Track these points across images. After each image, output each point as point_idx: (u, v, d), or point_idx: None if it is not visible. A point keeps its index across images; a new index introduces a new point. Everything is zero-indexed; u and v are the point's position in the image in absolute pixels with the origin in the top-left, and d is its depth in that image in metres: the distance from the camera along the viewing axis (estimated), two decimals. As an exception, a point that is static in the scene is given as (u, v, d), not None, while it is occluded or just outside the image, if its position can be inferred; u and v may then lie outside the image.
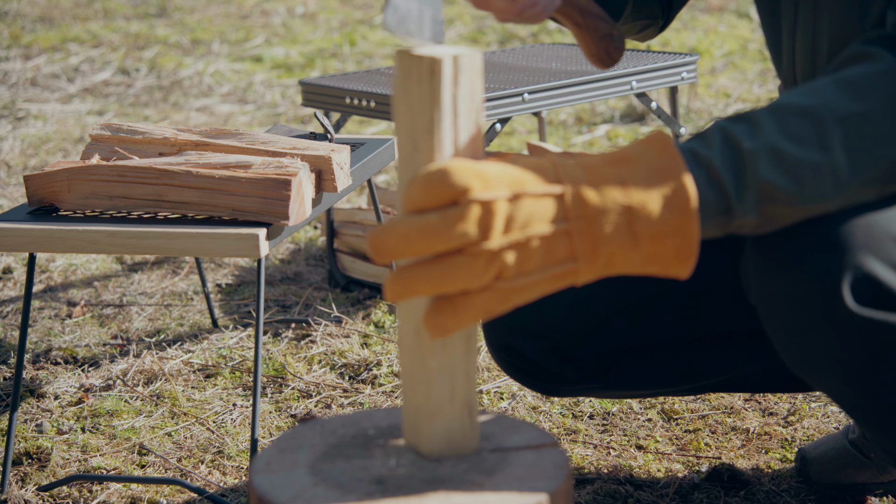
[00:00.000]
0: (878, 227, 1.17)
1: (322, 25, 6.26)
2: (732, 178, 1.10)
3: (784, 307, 1.20)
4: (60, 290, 2.91)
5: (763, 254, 1.21)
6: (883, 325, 1.17)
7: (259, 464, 1.13)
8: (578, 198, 1.04)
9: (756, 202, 1.11)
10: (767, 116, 1.12)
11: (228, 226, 1.85)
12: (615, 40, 1.57)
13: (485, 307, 1.03)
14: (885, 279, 1.16)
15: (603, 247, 1.05)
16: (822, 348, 1.20)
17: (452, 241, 1.01)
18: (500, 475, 1.09)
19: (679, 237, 1.07)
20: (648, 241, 1.06)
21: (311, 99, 2.74)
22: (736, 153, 1.10)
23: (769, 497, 1.87)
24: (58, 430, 2.18)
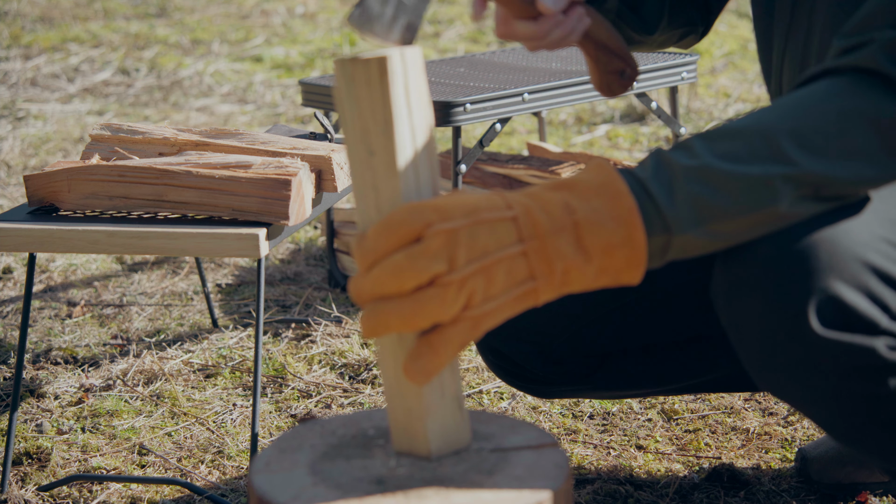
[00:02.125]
0: (842, 247, 1.18)
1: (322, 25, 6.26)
2: (665, 194, 1.12)
3: (752, 331, 1.22)
4: (60, 290, 2.91)
5: (729, 278, 1.22)
6: (850, 348, 1.18)
7: (259, 464, 1.13)
8: (530, 219, 1.08)
9: (696, 221, 1.13)
10: (699, 142, 1.15)
11: (228, 226, 1.85)
12: (624, 77, 1.59)
13: (460, 339, 1.07)
14: (851, 301, 1.17)
15: (558, 263, 1.09)
16: (791, 371, 1.21)
17: (422, 275, 1.04)
18: (500, 475, 1.09)
19: (628, 247, 1.10)
20: (599, 254, 1.10)
21: (311, 99, 2.74)
22: (667, 172, 1.13)
23: (769, 497, 1.87)
24: (58, 430, 2.18)
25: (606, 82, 1.59)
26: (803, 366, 1.20)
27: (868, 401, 1.22)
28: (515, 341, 1.68)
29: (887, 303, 1.19)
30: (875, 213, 1.22)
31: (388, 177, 1.07)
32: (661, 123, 4.15)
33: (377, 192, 1.08)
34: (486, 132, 2.57)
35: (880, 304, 1.18)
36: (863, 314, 1.17)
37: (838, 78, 1.19)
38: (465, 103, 2.49)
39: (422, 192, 1.09)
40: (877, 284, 1.18)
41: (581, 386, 1.73)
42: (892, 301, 1.19)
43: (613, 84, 1.59)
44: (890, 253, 1.19)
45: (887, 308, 1.19)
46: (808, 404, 1.26)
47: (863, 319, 1.18)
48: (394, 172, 1.07)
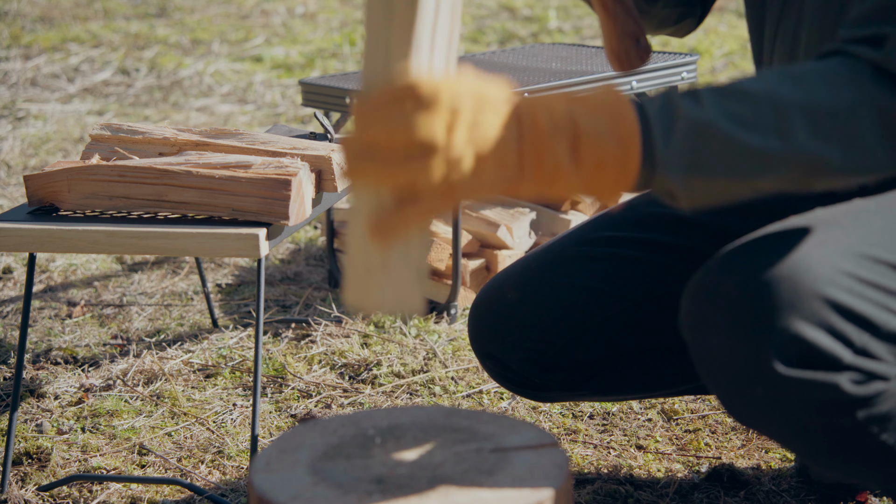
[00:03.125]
0: (802, 284, 1.18)
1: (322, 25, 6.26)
2: (663, 133, 1.12)
3: (717, 368, 1.23)
4: (60, 290, 2.91)
5: (694, 314, 1.24)
6: (813, 384, 1.19)
7: (259, 463, 1.13)
8: (532, 117, 1.09)
9: (682, 168, 1.13)
10: (711, 94, 1.15)
11: (228, 226, 1.85)
12: (640, 46, 1.56)
13: (431, 204, 1.06)
14: (812, 339, 1.18)
15: (549, 162, 1.09)
16: (758, 407, 1.23)
17: (418, 135, 1.03)
18: (500, 475, 1.09)
19: (619, 169, 1.11)
20: (591, 166, 1.10)
21: (311, 99, 2.74)
22: (671, 114, 1.13)
23: (769, 497, 1.87)
24: (58, 430, 2.18)
25: (624, 48, 1.55)
26: (770, 402, 1.21)
27: (837, 433, 1.23)
28: (512, 349, 1.69)
29: (850, 338, 1.19)
30: (838, 245, 1.23)
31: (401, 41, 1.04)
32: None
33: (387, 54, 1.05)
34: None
35: (843, 340, 1.19)
36: (825, 351, 1.18)
37: (855, 62, 1.19)
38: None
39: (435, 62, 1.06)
40: (838, 320, 1.19)
41: (578, 391, 1.74)
42: (856, 336, 1.20)
43: (631, 51, 1.55)
44: (852, 287, 1.20)
45: (851, 343, 1.19)
46: (778, 437, 1.28)
47: (825, 356, 1.18)
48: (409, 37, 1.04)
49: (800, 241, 1.23)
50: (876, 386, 1.21)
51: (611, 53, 1.57)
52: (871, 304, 1.21)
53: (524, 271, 1.71)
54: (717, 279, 1.22)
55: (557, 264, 1.70)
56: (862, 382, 1.20)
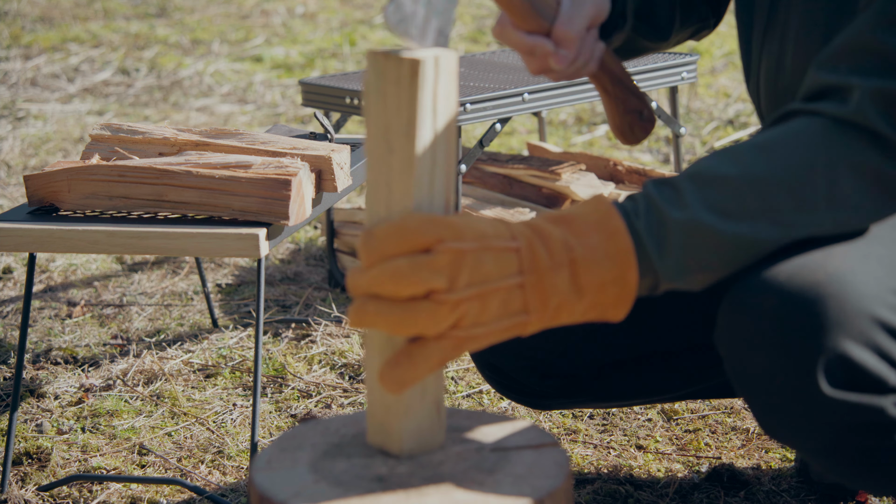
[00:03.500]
0: (850, 302, 1.16)
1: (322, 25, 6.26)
2: (655, 244, 1.14)
3: (758, 385, 1.21)
4: (60, 290, 2.91)
5: (734, 330, 1.22)
6: (858, 407, 1.17)
7: (260, 462, 1.13)
8: (531, 253, 1.10)
9: (683, 272, 1.16)
10: (689, 186, 1.16)
11: (228, 226, 1.85)
12: (643, 119, 1.55)
13: (440, 356, 1.08)
14: (860, 360, 1.16)
15: (552, 299, 1.11)
16: (798, 425, 1.21)
17: (420, 286, 1.05)
18: (500, 474, 1.09)
19: (619, 285, 1.13)
20: (592, 291, 1.12)
21: (311, 99, 2.74)
22: (656, 221, 1.15)
23: (769, 497, 1.87)
24: (58, 430, 2.18)
25: (628, 123, 1.55)
26: (810, 422, 1.19)
27: (873, 453, 1.21)
28: (511, 357, 1.69)
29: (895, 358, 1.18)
30: (881, 261, 1.21)
31: (402, 177, 1.07)
32: (661, 123, 4.15)
33: (390, 190, 1.08)
34: (486, 132, 2.57)
35: (889, 361, 1.17)
36: (871, 372, 1.16)
37: (819, 121, 1.19)
38: (465, 103, 2.49)
39: (434, 197, 1.08)
40: (886, 340, 1.16)
41: (577, 398, 1.74)
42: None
43: (635, 125, 1.56)
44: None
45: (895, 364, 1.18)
46: (813, 454, 1.25)
47: (871, 378, 1.16)
48: (409, 173, 1.06)
49: (843, 255, 1.20)
50: None
51: (615, 129, 1.57)
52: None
53: None
54: (759, 295, 1.19)
55: None
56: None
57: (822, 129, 1.18)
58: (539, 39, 1.44)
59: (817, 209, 1.17)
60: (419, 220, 1.06)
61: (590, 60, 1.49)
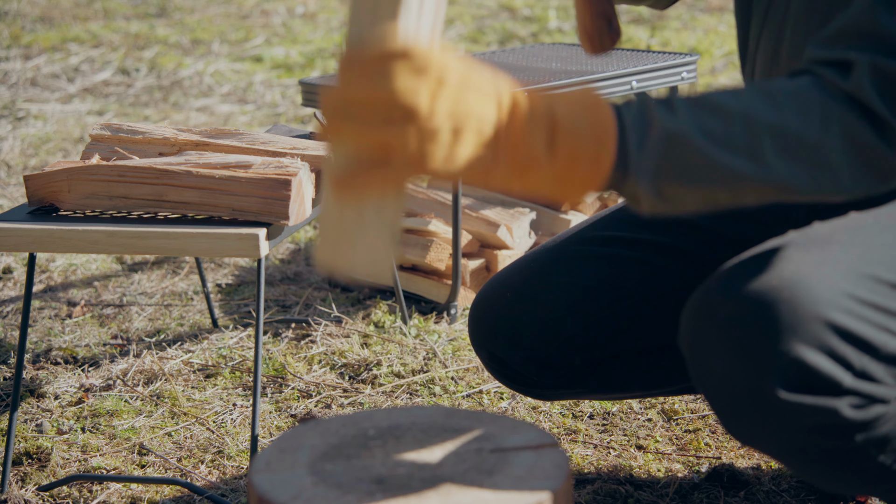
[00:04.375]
0: (803, 307, 1.18)
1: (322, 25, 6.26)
2: (637, 139, 1.12)
3: (717, 390, 1.23)
4: (60, 290, 2.91)
5: (694, 335, 1.23)
6: (813, 409, 1.18)
7: (259, 463, 1.13)
8: (513, 104, 1.08)
9: (653, 174, 1.13)
10: (685, 105, 1.15)
11: (228, 226, 1.85)
12: (612, 28, 1.55)
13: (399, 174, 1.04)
14: (813, 363, 1.17)
15: (524, 150, 1.08)
16: (758, 429, 1.22)
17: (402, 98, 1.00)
18: (500, 475, 1.09)
19: (592, 164, 1.11)
20: (565, 159, 1.10)
21: (311, 99, 2.74)
22: (646, 121, 1.13)
23: (769, 497, 1.87)
24: (58, 430, 2.18)
25: (597, 29, 1.54)
26: (769, 425, 1.21)
27: (836, 454, 1.23)
28: (513, 348, 1.69)
29: (850, 361, 1.19)
30: (837, 266, 1.22)
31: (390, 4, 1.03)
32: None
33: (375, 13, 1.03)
34: (486, 132, 2.56)
35: (843, 363, 1.18)
36: (825, 375, 1.18)
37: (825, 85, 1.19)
38: (465, 103, 2.48)
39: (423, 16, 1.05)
40: (839, 343, 1.18)
41: (579, 389, 1.74)
42: (856, 359, 1.19)
43: (603, 32, 1.54)
44: (852, 308, 1.19)
45: (851, 366, 1.19)
46: (776, 456, 1.28)
47: (826, 380, 1.18)
48: None
49: (799, 260, 1.21)
50: (875, 410, 1.20)
51: (583, 34, 1.56)
52: (871, 325, 1.20)
53: (524, 271, 1.71)
54: (717, 300, 1.21)
55: (557, 263, 1.70)
56: (861, 407, 1.20)
57: (825, 92, 1.18)
58: None
59: (798, 161, 1.16)
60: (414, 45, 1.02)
61: None
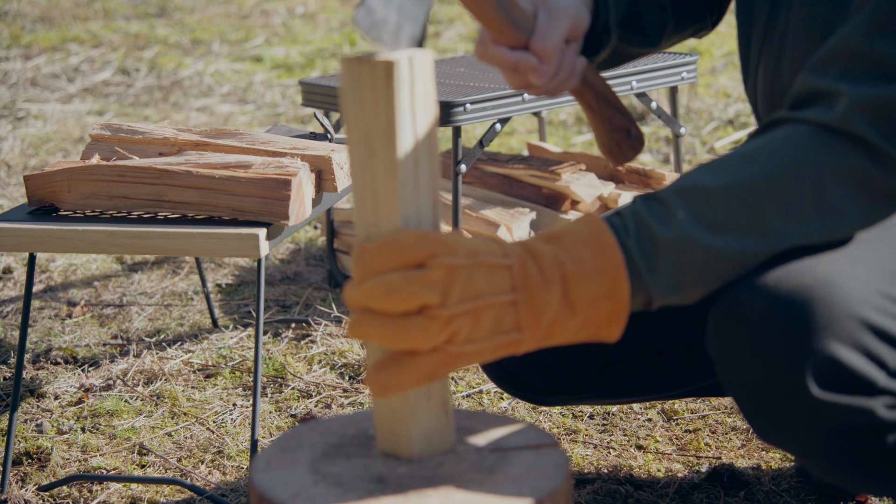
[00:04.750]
0: (837, 305, 1.17)
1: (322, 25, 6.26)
2: (646, 263, 1.14)
3: (748, 390, 1.22)
4: (60, 290, 2.91)
5: (724, 335, 1.22)
6: (848, 409, 1.17)
7: (259, 463, 1.13)
8: (523, 270, 1.10)
9: (674, 288, 1.16)
10: (677, 202, 1.16)
11: (228, 226, 1.85)
12: (632, 138, 1.53)
13: (430, 369, 1.08)
14: (848, 362, 1.16)
15: (545, 316, 1.10)
16: (789, 429, 1.21)
17: (413, 301, 1.05)
18: (499, 475, 1.09)
19: (611, 300, 1.12)
20: (584, 307, 1.12)
21: (311, 99, 2.74)
22: (647, 239, 1.15)
23: (769, 497, 1.87)
24: (58, 430, 2.18)
25: (616, 141, 1.53)
26: (801, 424, 1.20)
27: (866, 455, 1.21)
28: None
29: (885, 360, 1.18)
30: (869, 264, 1.21)
31: (387, 180, 1.07)
32: (661, 123, 4.15)
33: (375, 195, 1.08)
34: (486, 132, 2.57)
35: (877, 362, 1.17)
36: (860, 374, 1.17)
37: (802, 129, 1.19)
38: (465, 103, 2.49)
39: (420, 197, 1.08)
40: (873, 342, 1.17)
41: (579, 395, 1.74)
42: (890, 358, 1.18)
43: (623, 144, 1.53)
44: (886, 307, 1.18)
45: (885, 365, 1.18)
46: (805, 457, 1.26)
47: (860, 379, 1.17)
48: (393, 176, 1.06)
49: (830, 258, 1.20)
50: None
51: (603, 148, 1.54)
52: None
53: None
54: (748, 300, 1.19)
55: None
56: (895, 407, 1.19)
57: (808, 136, 1.18)
58: (521, 54, 1.42)
59: (805, 217, 1.17)
60: (412, 236, 1.06)
61: (571, 75, 1.47)
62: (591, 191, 2.81)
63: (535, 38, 1.42)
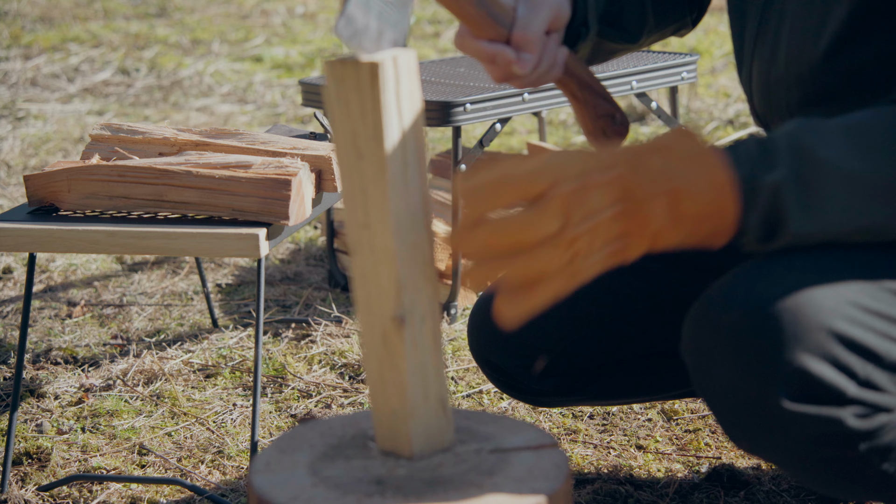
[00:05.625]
0: (806, 316, 1.17)
1: (322, 25, 6.26)
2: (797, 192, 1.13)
3: (720, 400, 1.22)
4: (60, 290, 2.91)
5: (697, 345, 1.22)
6: (817, 419, 1.17)
7: (259, 464, 1.13)
8: (631, 183, 1.11)
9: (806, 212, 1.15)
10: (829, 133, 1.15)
11: (228, 226, 1.85)
12: (616, 123, 1.53)
13: (555, 290, 1.10)
14: (817, 372, 1.16)
15: (652, 225, 1.11)
16: (761, 438, 1.22)
17: (545, 232, 1.07)
18: (499, 476, 1.09)
19: (718, 218, 1.13)
20: (690, 221, 1.13)
21: (311, 99, 2.74)
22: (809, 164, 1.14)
23: (769, 497, 1.87)
24: (58, 430, 2.18)
25: (601, 128, 1.53)
26: (773, 434, 1.20)
27: (840, 464, 1.22)
28: (511, 356, 1.69)
29: (854, 370, 1.18)
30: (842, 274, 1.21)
31: (377, 181, 1.06)
32: (661, 123, 4.15)
33: (365, 196, 1.07)
34: (486, 132, 2.57)
35: (847, 372, 1.18)
36: (829, 384, 1.17)
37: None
38: (465, 103, 2.49)
39: (411, 197, 1.08)
40: (843, 352, 1.17)
41: (577, 396, 1.74)
42: (860, 368, 1.18)
43: (608, 130, 1.54)
44: (855, 317, 1.18)
45: (855, 375, 1.18)
46: (781, 466, 1.27)
47: (829, 390, 1.17)
48: (382, 176, 1.06)
49: (801, 269, 1.21)
50: (879, 419, 1.20)
51: (588, 136, 1.55)
52: (875, 333, 1.19)
53: None
54: (719, 310, 1.20)
55: None
56: (865, 416, 1.19)
57: None
58: (499, 47, 1.42)
59: None
60: (525, 169, 1.07)
61: (553, 65, 1.47)
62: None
63: (515, 29, 1.42)
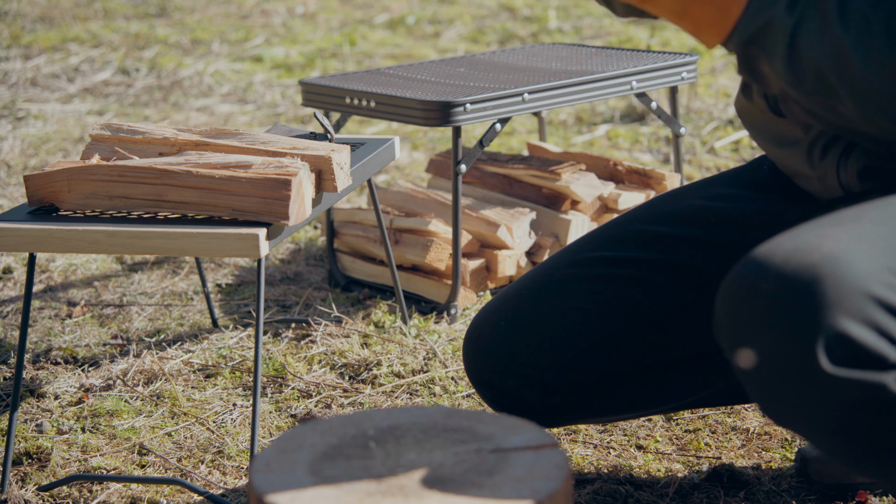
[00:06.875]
0: (847, 281, 1.16)
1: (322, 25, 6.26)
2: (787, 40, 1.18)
3: (758, 368, 1.21)
4: (60, 290, 2.91)
5: (733, 314, 1.21)
6: (859, 384, 1.17)
7: (259, 464, 1.13)
8: None
9: None
10: None
11: (228, 226, 1.85)
12: None
13: None
14: (859, 337, 1.16)
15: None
16: (799, 406, 1.21)
17: None
18: (499, 476, 1.09)
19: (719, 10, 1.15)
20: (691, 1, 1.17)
21: (311, 99, 2.74)
22: None
23: (769, 497, 1.87)
24: (58, 430, 2.18)
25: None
26: (812, 401, 1.19)
27: (875, 431, 1.21)
28: (509, 376, 1.68)
29: (895, 336, 1.17)
30: (875, 241, 1.21)
31: None
32: (661, 123, 4.15)
33: None
34: (486, 132, 2.57)
35: (888, 338, 1.17)
36: (871, 349, 1.16)
37: None
38: (465, 103, 2.49)
39: None
40: (884, 317, 1.17)
41: (577, 414, 1.74)
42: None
43: None
44: (894, 283, 1.18)
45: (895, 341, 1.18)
46: (815, 435, 1.25)
47: (871, 355, 1.16)
48: None
49: (836, 236, 1.20)
50: None
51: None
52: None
53: (516, 298, 1.71)
54: (755, 278, 1.19)
55: (549, 288, 1.69)
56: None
57: None
58: None
59: None
60: None
61: None
62: (591, 191, 2.80)
63: None
